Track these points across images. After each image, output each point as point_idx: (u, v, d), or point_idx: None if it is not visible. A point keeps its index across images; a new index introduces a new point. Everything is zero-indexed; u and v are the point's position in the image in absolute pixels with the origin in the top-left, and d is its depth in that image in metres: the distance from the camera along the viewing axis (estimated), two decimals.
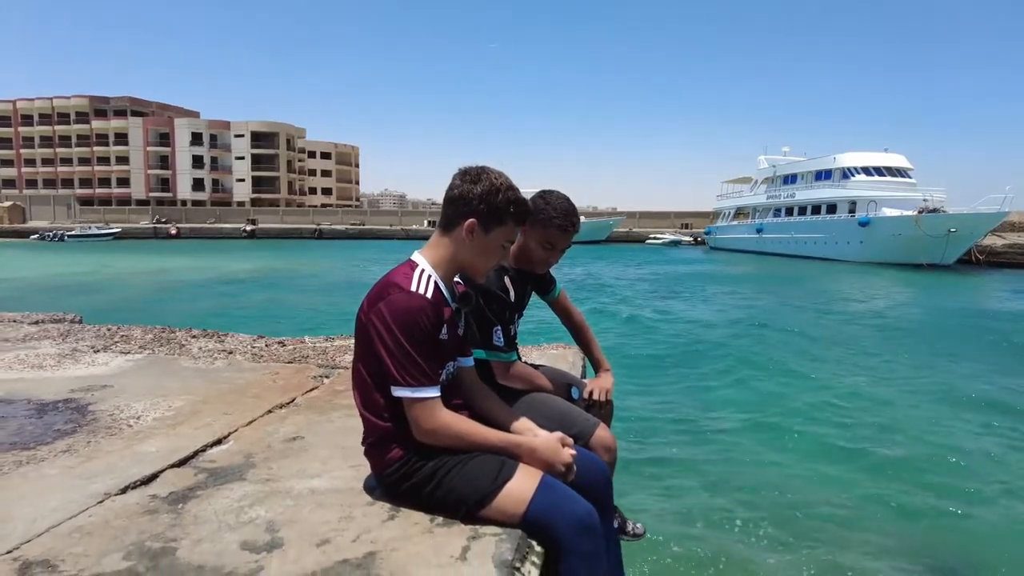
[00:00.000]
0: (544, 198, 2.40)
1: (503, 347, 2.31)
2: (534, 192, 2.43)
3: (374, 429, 1.84)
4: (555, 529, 1.67)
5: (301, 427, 2.65)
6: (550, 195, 2.42)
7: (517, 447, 1.83)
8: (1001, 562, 4.31)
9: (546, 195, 2.41)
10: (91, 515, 1.85)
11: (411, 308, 1.72)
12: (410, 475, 1.81)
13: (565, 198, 2.44)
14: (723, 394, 8.55)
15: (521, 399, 2.38)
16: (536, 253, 2.43)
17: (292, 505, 1.91)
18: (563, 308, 2.80)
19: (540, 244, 2.41)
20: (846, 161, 38.96)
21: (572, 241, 2.48)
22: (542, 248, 2.42)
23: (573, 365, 3.63)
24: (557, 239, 2.41)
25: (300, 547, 1.66)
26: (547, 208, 2.37)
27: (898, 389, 8.91)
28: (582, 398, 2.60)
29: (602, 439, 2.35)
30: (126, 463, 2.23)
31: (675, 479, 5.48)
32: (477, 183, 1.80)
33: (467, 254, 1.85)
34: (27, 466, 2.21)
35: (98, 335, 4.59)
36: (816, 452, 6.30)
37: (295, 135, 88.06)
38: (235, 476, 2.13)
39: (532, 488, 1.72)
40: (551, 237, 2.39)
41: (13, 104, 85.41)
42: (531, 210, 1.95)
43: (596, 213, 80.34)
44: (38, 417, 2.75)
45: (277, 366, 3.78)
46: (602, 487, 2.02)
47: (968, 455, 6.28)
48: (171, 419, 2.73)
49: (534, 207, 2.31)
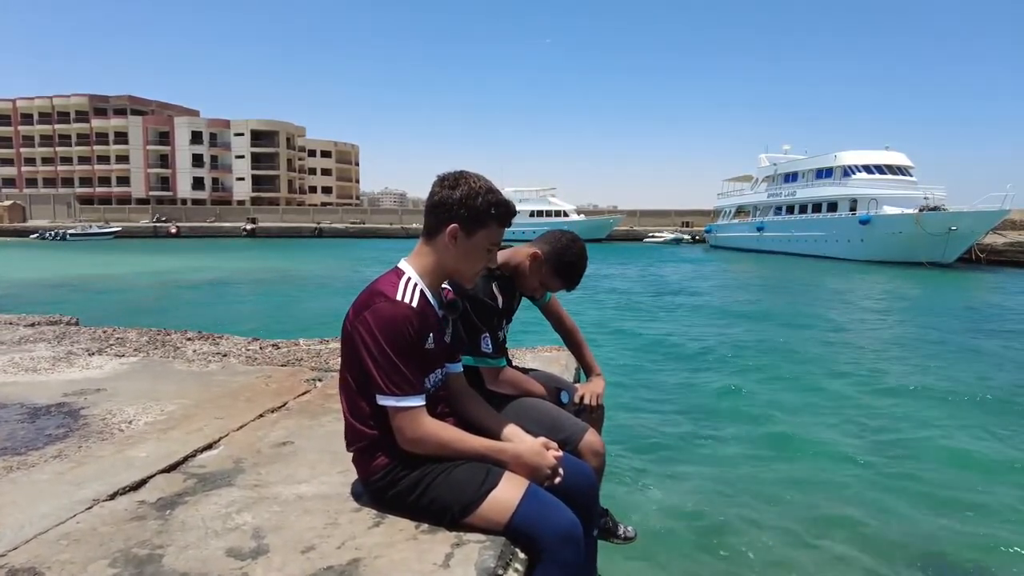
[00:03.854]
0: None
1: (492, 353, 2.31)
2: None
3: (360, 436, 1.85)
4: (539, 538, 1.68)
5: (292, 432, 2.66)
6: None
7: (501, 453, 1.84)
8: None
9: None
10: (79, 521, 1.86)
11: (396, 317, 1.72)
12: (395, 483, 1.82)
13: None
14: (718, 396, 8.53)
15: (510, 404, 2.38)
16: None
17: (279, 511, 1.93)
18: (555, 313, 2.82)
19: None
20: (847, 159, 38.89)
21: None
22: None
23: (566, 368, 3.64)
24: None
25: (285, 554, 1.67)
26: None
27: (901, 390, 8.88)
28: (572, 402, 2.61)
29: (591, 444, 2.36)
30: (116, 468, 2.24)
31: (667, 482, 5.48)
32: (456, 188, 1.80)
33: (452, 260, 1.86)
34: (18, 472, 2.22)
35: (93, 337, 4.60)
36: (814, 454, 6.28)
37: (295, 133, 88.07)
38: (224, 482, 2.15)
39: (517, 497, 1.73)
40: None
41: (13, 103, 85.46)
42: (514, 211, 1.95)
43: (596, 212, 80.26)
44: (30, 422, 2.76)
45: (270, 369, 3.79)
46: (587, 493, 2.03)
47: (972, 456, 6.25)
48: (163, 423, 2.75)
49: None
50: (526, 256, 2.48)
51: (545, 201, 60.90)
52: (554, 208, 60.15)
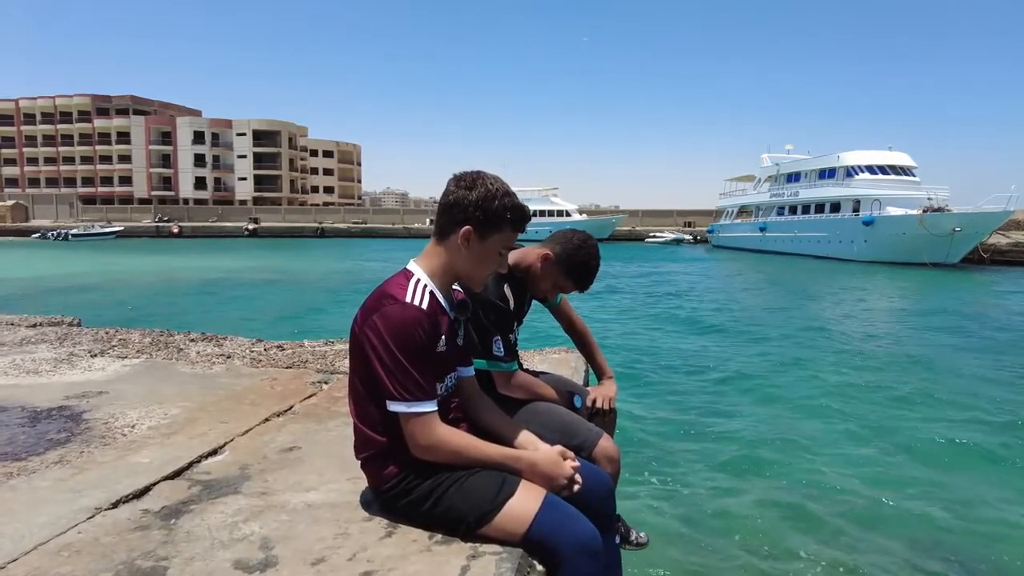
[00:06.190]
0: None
1: (504, 357, 2.26)
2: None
3: (370, 443, 1.79)
4: (557, 549, 1.62)
5: (298, 436, 2.60)
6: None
7: (517, 461, 1.78)
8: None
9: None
10: (80, 531, 1.80)
11: (406, 320, 1.66)
12: (407, 492, 1.76)
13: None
14: (729, 398, 8.46)
15: (522, 409, 2.33)
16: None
17: (287, 520, 1.87)
18: (565, 315, 2.75)
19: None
20: (850, 159, 38.77)
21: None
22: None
23: (576, 370, 3.58)
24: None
25: (294, 566, 1.61)
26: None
27: (907, 391, 8.83)
28: (585, 407, 2.55)
29: (605, 450, 2.30)
30: (119, 475, 2.18)
31: (679, 487, 5.41)
32: (472, 189, 1.74)
33: (463, 262, 1.80)
34: (18, 478, 2.17)
35: (96, 339, 4.55)
36: (826, 457, 6.21)
37: (297, 133, 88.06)
38: (230, 489, 2.09)
39: (535, 507, 1.67)
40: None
41: (16, 103, 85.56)
42: (529, 216, 1.89)
43: (598, 211, 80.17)
44: (31, 426, 2.70)
45: (275, 371, 3.73)
46: (605, 500, 1.97)
47: (977, 458, 6.21)
48: (166, 428, 2.69)
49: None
50: (537, 258, 2.41)
51: (547, 201, 60.82)
52: (556, 208, 60.07)
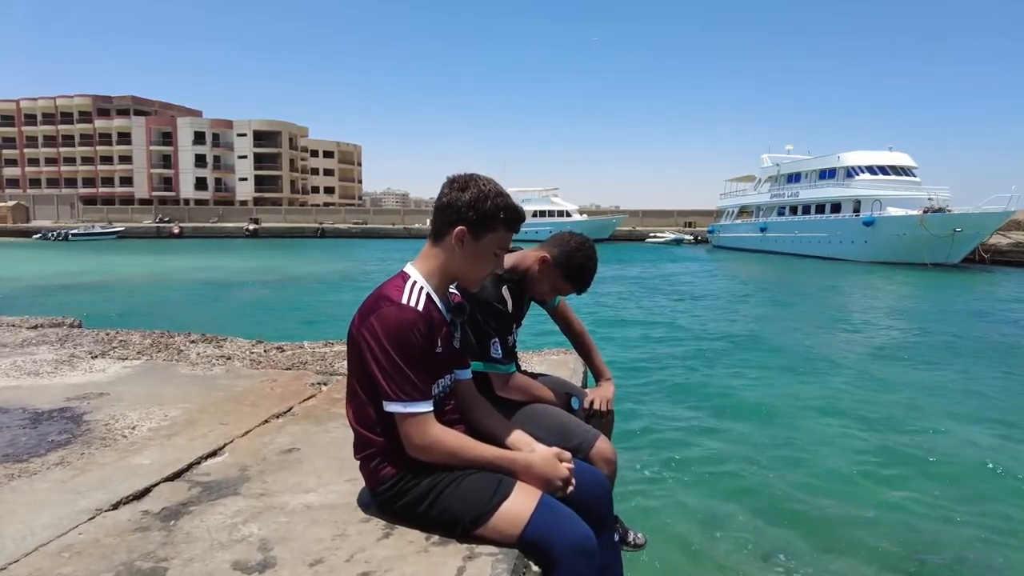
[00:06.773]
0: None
1: (501, 359, 2.27)
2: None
3: (367, 443, 1.81)
4: (552, 550, 1.63)
5: (297, 438, 2.62)
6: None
7: (513, 463, 1.79)
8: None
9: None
10: (81, 533, 1.82)
11: (402, 322, 1.68)
12: (404, 493, 1.77)
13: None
14: (728, 399, 8.46)
15: (520, 410, 2.34)
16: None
17: (286, 522, 1.88)
18: (563, 317, 2.77)
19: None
20: (850, 160, 38.76)
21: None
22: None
23: (574, 371, 3.59)
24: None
25: (293, 567, 1.63)
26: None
27: (909, 391, 8.83)
28: (583, 408, 2.57)
29: (602, 451, 2.31)
30: (119, 477, 2.20)
31: (677, 488, 5.42)
32: (465, 190, 1.76)
33: (459, 263, 1.82)
34: (19, 479, 2.18)
35: (96, 340, 4.56)
36: (826, 459, 6.21)
37: (297, 134, 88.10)
38: (229, 490, 2.10)
39: (530, 508, 1.68)
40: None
41: (16, 104, 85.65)
42: (523, 216, 1.91)
43: (599, 212, 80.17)
44: (32, 427, 2.72)
45: (275, 372, 3.74)
46: (602, 502, 1.98)
47: (977, 458, 6.21)
48: (167, 429, 2.70)
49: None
50: (535, 260, 2.43)
51: (548, 201, 60.81)
52: (557, 208, 60.06)
